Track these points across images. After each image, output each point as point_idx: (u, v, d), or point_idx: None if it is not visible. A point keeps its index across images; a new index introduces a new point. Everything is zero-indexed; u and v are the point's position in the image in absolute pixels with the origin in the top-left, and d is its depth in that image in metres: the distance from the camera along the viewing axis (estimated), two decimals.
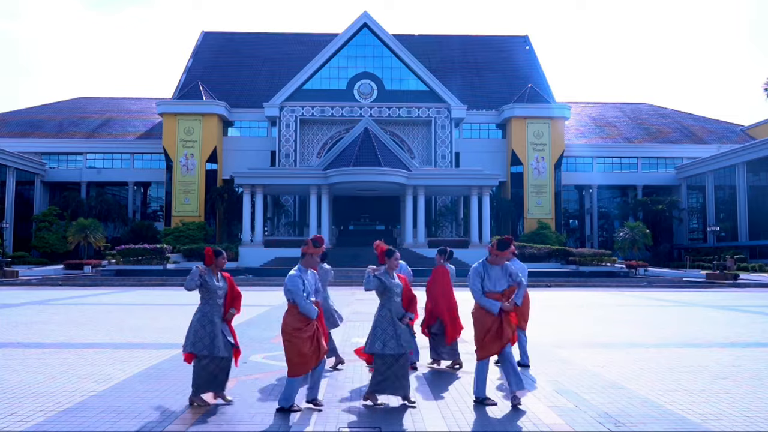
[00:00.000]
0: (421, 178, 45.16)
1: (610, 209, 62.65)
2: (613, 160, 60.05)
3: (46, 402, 6.49)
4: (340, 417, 5.96)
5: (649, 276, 40.58)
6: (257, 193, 45.34)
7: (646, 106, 71.35)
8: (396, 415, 6.03)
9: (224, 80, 60.92)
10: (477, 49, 67.65)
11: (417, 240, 45.13)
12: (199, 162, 53.50)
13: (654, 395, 6.91)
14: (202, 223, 51.43)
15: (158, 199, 60.96)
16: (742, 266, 43.32)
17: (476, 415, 6.06)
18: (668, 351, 10.16)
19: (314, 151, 54.51)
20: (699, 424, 5.77)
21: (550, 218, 53.67)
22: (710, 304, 19.81)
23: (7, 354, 9.55)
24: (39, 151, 57.72)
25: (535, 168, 54.41)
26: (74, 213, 52.83)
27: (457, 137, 55.60)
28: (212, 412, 6.13)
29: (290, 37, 69.18)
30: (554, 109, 55.11)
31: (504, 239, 6.73)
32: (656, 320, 15.15)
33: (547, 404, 6.52)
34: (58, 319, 14.54)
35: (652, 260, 52.27)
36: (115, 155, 58.72)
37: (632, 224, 48.42)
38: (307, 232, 47.86)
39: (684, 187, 58.99)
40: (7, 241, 50.66)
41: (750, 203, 50.59)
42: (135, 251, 42.43)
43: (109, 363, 8.82)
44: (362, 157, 44.00)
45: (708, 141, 61.25)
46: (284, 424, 5.72)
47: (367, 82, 55.33)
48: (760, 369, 8.54)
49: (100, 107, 67.16)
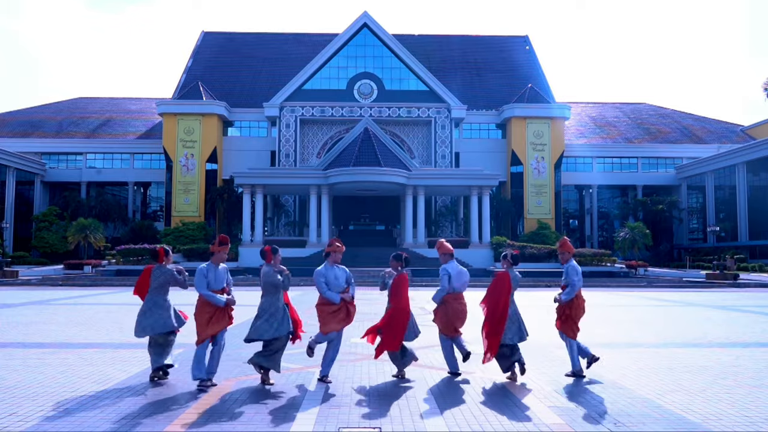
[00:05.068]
0: (421, 178, 45.16)
1: (610, 209, 62.64)
2: (613, 160, 60.05)
3: (46, 402, 6.49)
4: (340, 417, 5.96)
5: (649, 276, 40.59)
6: (257, 193, 45.34)
7: (646, 106, 71.35)
8: (396, 415, 6.03)
9: (224, 80, 60.93)
10: (477, 49, 67.64)
11: (417, 240, 45.13)
12: (199, 162, 53.51)
13: (654, 395, 6.91)
14: (202, 223, 51.44)
15: (158, 199, 60.95)
16: (742, 266, 43.31)
17: (476, 415, 6.05)
18: (668, 351, 10.16)
19: (314, 151, 54.51)
20: (699, 424, 5.77)
21: (550, 218, 53.67)
22: (710, 304, 19.82)
23: (7, 354, 9.56)
24: (39, 151, 57.73)
25: (535, 168, 54.41)
26: (74, 213, 52.83)
27: (457, 137, 55.59)
28: (212, 411, 6.13)
29: (290, 37, 69.19)
30: (554, 109, 55.11)
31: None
32: (656, 320, 15.15)
33: (547, 404, 6.52)
34: (58, 319, 14.54)
35: (652, 260, 52.27)
36: (115, 155, 58.72)
37: (632, 224, 48.41)
38: (307, 232, 47.86)
39: (684, 187, 58.99)
40: (7, 241, 50.67)
41: (750, 203, 50.59)
42: (135, 251, 42.44)
43: (109, 363, 8.82)
44: (362, 157, 44.00)
45: (708, 141, 61.25)
46: (284, 424, 5.72)
47: (367, 82, 55.33)
48: (760, 369, 8.55)
49: (100, 107, 67.16)
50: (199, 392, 6.99)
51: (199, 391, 7.05)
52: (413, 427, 5.64)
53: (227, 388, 7.23)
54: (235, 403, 6.47)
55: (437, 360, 8.97)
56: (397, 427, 5.62)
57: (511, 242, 45.12)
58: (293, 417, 5.95)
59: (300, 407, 6.33)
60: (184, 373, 8.06)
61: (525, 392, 7.12)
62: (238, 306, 7.99)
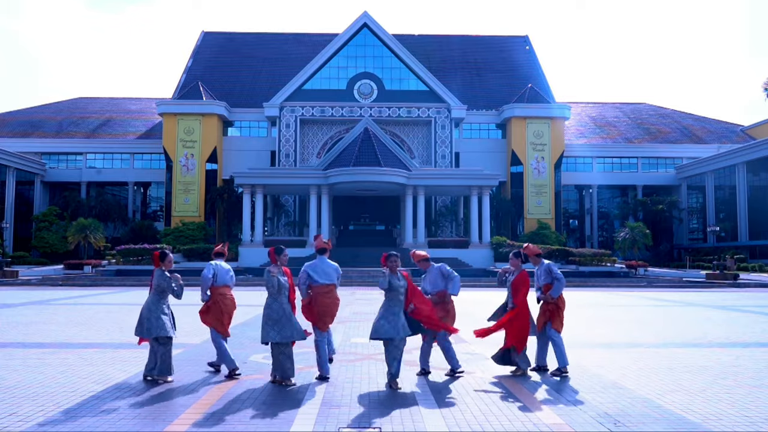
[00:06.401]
0: (421, 178, 45.15)
1: (610, 209, 62.64)
2: (613, 160, 60.05)
3: (46, 402, 6.49)
4: (340, 417, 5.96)
5: (649, 276, 40.58)
6: (257, 193, 45.35)
7: (646, 106, 71.35)
8: (396, 415, 6.02)
9: (224, 80, 60.92)
10: (477, 49, 67.64)
11: (417, 240, 45.11)
12: (199, 162, 53.51)
13: (654, 395, 6.91)
14: (202, 223, 51.45)
15: (158, 199, 60.95)
16: (742, 266, 43.31)
17: (476, 415, 6.05)
18: (668, 351, 10.16)
19: (314, 151, 54.51)
20: (699, 424, 5.77)
21: (550, 218, 53.67)
22: (710, 304, 19.82)
23: (7, 354, 9.56)
24: (39, 151, 57.72)
25: (535, 168, 54.41)
26: (74, 213, 52.82)
27: (457, 137, 55.59)
28: (212, 411, 6.13)
29: (290, 37, 69.18)
30: (554, 109, 55.11)
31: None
32: (656, 320, 15.16)
33: (547, 404, 6.52)
34: (58, 319, 14.54)
35: (652, 260, 52.27)
36: (115, 155, 58.72)
37: (632, 224, 48.40)
38: (307, 232, 47.86)
39: (684, 187, 59.00)
40: (7, 241, 50.67)
41: (750, 203, 50.60)
42: (135, 251, 42.43)
43: (109, 363, 8.82)
44: (362, 157, 43.98)
45: (708, 141, 61.25)
46: (284, 423, 5.72)
47: (367, 82, 55.33)
48: (760, 369, 8.55)
49: (100, 107, 67.16)
50: (229, 378, 7.74)
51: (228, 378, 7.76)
52: (413, 427, 5.64)
53: (227, 387, 7.23)
54: (236, 403, 6.48)
55: (437, 360, 8.96)
56: (397, 427, 5.62)
57: (511, 242, 45.09)
58: (293, 417, 5.95)
59: (300, 407, 6.33)
60: (185, 373, 8.07)
61: (525, 392, 7.13)
62: (238, 306, 7.99)
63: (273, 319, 7.42)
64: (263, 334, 7.47)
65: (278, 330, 7.36)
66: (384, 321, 7.40)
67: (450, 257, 40.65)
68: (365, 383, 7.55)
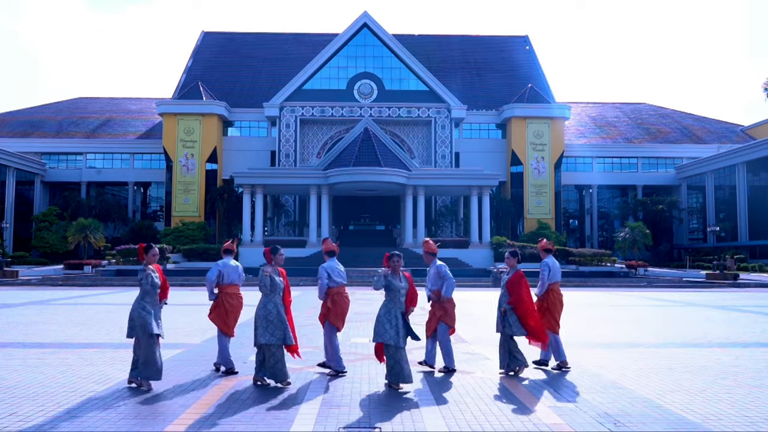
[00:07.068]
0: (421, 178, 45.16)
1: (610, 209, 62.64)
2: (613, 160, 60.05)
3: (46, 402, 6.49)
4: (340, 417, 5.96)
5: (649, 276, 40.57)
6: (257, 193, 45.35)
7: (646, 106, 71.34)
8: (396, 415, 6.03)
9: (224, 80, 60.92)
10: (477, 49, 67.63)
11: (417, 240, 45.09)
12: (199, 162, 53.51)
13: (654, 395, 6.91)
14: (202, 223, 51.46)
15: (158, 199, 60.95)
16: (742, 266, 43.30)
17: (476, 415, 6.05)
18: (668, 351, 10.16)
19: (314, 151, 54.51)
20: (699, 424, 5.77)
21: (550, 218, 53.67)
22: (710, 304, 19.81)
23: (7, 354, 9.56)
24: (39, 151, 57.71)
25: (535, 168, 54.41)
26: (74, 213, 52.81)
27: (457, 137, 55.59)
28: (211, 412, 6.13)
29: (290, 37, 69.18)
30: (554, 109, 55.11)
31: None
32: (656, 320, 15.15)
33: (547, 404, 6.52)
34: (58, 319, 14.54)
35: (652, 260, 52.26)
36: (115, 155, 58.72)
37: (632, 224, 48.40)
38: (307, 232, 47.87)
39: (684, 187, 58.99)
40: (7, 241, 50.66)
41: (750, 203, 50.59)
42: (135, 251, 42.32)
43: (109, 363, 8.83)
44: (362, 157, 43.99)
45: (708, 141, 61.24)
46: (284, 424, 5.72)
47: (367, 82, 55.32)
48: (760, 369, 8.55)
49: (100, 107, 67.15)
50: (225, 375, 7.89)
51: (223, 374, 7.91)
52: (413, 427, 5.63)
53: (227, 387, 7.23)
54: (236, 403, 6.47)
55: (436, 360, 8.95)
56: (397, 427, 5.62)
57: (511, 242, 45.10)
58: (293, 417, 5.95)
59: (300, 407, 6.33)
60: (185, 373, 8.07)
61: (525, 392, 7.13)
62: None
63: (267, 320, 7.35)
64: (257, 336, 7.36)
65: (272, 331, 7.31)
66: (388, 326, 7.36)
67: (450, 257, 40.64)
68: (365, 383, 7.55)
